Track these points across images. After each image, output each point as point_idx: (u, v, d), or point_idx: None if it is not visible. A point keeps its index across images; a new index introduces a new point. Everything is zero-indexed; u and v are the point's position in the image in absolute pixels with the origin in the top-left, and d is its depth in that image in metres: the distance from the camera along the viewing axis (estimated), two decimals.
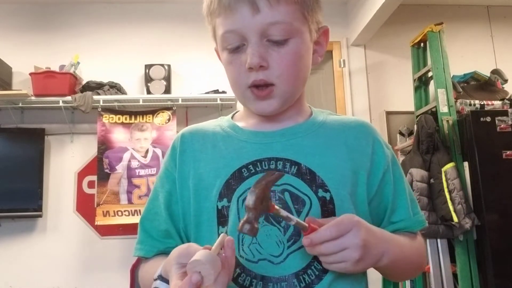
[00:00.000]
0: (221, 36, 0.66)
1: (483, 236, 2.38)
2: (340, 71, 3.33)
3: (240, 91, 0.68)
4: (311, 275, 0.62)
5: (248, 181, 0.66)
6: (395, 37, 3.32)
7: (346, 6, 3.40)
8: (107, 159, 2.87)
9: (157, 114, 2.98)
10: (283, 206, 0.63)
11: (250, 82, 0.65)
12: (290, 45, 0.64)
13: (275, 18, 0.62)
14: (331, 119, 0.75)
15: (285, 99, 0.68)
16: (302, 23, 0.66)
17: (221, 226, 0.66)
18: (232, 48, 0.66)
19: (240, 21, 0.63)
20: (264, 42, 0.64)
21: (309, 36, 0.68)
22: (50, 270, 2.89)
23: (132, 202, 2.83)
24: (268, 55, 0.63)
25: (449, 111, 2.60)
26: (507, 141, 2.47)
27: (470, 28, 3.48)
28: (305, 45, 0.67)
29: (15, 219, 2.90)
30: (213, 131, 0.75)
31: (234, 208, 0.65)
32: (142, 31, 3.22)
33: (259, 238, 0.64)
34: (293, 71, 0.66)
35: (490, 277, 2.33)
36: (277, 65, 0.64)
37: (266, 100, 0.66)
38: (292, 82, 0.67)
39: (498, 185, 2.41)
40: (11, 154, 2.92)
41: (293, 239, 0.63)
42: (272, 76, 0.64)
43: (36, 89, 2.86)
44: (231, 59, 0.66)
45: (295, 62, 0.65)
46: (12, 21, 3.20)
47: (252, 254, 0.64)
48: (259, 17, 0.62)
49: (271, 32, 0.63)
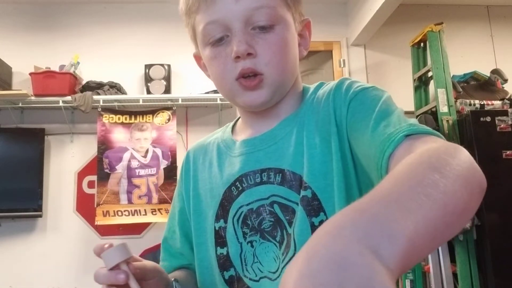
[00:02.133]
0: (202, 30, 0.62)
1: (483, 236, 2.38)
2: (340, 71, 3.33)
3: (227, 85, 0.63)
4: None
5: (238, 200, 0.66)
6: (395, 37, 3.32)
7: (346, 6, 3.40)
8: (107, 159, 2.87)
9: (157, 114, 2.98)
10: (275, 219, 0.62)
11: (238, 72, 0.60)
12: (277, 31, 0.61)
13: (259, 2, 0.59)
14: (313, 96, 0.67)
15: (274, 89, 0.63)
16: (286, 11, 0.63)
17: (219, 247, 0.67)
18: (214, 40, 0.62)
19: (222, 9, 0.60)
20: (250, 30, 0.60)
21: (294, 25, 0.65)
22: (50, 270, 2.89)
23: (132, 202, 2.83)
24: (254, 43, 0.60)
25: (449, 111, 2.60)
26: (507, 141, 2.48)
27: (470, 28, 3.48)
28: (290, 33, 0.64)
29: (15, 219, 2.90)
30: (213, 146, 0.75)
31: (230, 229, 0.66)
32: (142, 31, 3.23)
33: (259, 256, 0.63)
34: (281, 59, 0.62)
35: (490, 277, 2.33)
36: (265, 52, 0.60)
37: (255, 90, 0.62)
38: (281, 71, 0.62)
39: (498, 185, 2.41)
40: (11, 154, 2.92)
41: (285, 252, 0.61)
42: (260, 64, 0.60)
43: (36, 89, 2.86)
44: (215, 52, 0.62)
45: (282, 49, 0.62)
46: (12, 21, 3.20)
47: (255, 273, 0.63)
48: (242, 2, 0.59)
49: (256, 18, 0.60)
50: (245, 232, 0.64)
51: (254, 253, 0.63)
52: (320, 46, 3.36)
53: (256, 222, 0.64)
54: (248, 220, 0.64)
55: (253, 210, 0.64)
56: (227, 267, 0.65)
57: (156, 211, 2.83)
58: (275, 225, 0.62)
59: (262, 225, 0.63)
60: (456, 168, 0.39)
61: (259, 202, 0.64)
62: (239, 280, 0.64)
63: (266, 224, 0.63)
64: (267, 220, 0.63)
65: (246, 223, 0.64)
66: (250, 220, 0.64)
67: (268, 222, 0.63)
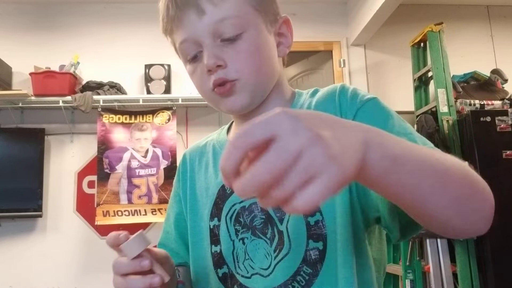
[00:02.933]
0: (179, 49, 0.66)
1: (483, 236, 2.38)
2: (340, 71, 3.33)
3: (207, 96, 0.67)
4: (300, 282, 0.61)
5: (231, 198, 0.67)
6: (395, 37, 3.32)
7: (346, 6, 3.40)
8: (107, 159, 2.87)
9: (157, 114, 2.98)
10: (266, 216, 0.64)
11: (211, 84, 0.63)
12: (244, 39, 0.62)
13: (221, 14, 0.61)
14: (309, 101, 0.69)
15: (251, 92, 0.65)
16: (253, 16, 0.64)
17: (213, 245, 0.69)
18: (191, 58, 0.65)
19: (189, 28, 0.63)
20: (218, 42, 0.62)
21: (265, 27, 0.66)
22: (50, 270, 2.89)
23: (132, 202, 2.83)
24: (223, 54, 0.62)
25: (449, 111, 2.60)
26: (507, 141, 2.47)
27: (470, 28, 3.48)
28: (261, 36, 0.65)
29: (15, 219, 2.90)
30: (209, 148, 0.77)
31: (223, 227, 0.68)
32: (142, 31, 3.22)
33: (250, 253, 0.64)
34: (253, 64, 0.63)
35: (490, 277, 2.33)
36: (234, 61, 0.62)
37: (231, 96, 0.64)
38: (254, 75, 0.64)
39: (498, 185, 2.40)
40: (11, 154, 2.92)
41: (278, 249, 0.62)
42: (231, 73, 0.63)
43: (36, 89, 2.86)
44: (193, 69, 0.66)
45: (252, 55, 0.63)
46: (12, 21, 3.20)
47: (246, 270, 0.65)
48: (205, 18, 0.62)
49: (221, 30, 0.62)
50: (237, 230, 0.66)
51: (245, 250, 0.65)
52: (320, 46, 3.37)
53: (248, 219, 0.65)
54: (241, 217, 0.66)
55: (245, 208, 0.66)
56: (220, 264, 0.67)
57: (156, 211, 2.83)
58: (266, 222, 0.64)
59: (253, 222, 0.65)
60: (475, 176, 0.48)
61: (252, 199, 0.64)
62: (232, 277, 0.65)
63: (257, 222, 0.64)
64: (258, 218, 0.64)
65: (238, 221, 0.66)
66: (243, 218, 0.66)
67: (260, 220, 0.64)
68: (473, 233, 0.52)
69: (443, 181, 0.44)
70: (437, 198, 0.44)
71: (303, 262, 0.60)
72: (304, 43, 3.29)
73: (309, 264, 0.60)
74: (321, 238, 0.60)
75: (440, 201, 0.44)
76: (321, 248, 0.60)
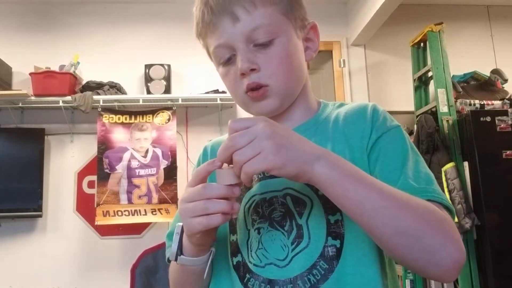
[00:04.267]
0: (213, 53, 0.70)
1: (483, 236, 2.38)
2: (340, 71, 3.33)
3: (239, 98, 0.71)
4: (316, 275, 0.63)
5: (252, 189, 0.70)
6: (395, 37, 3.32)
7: (346, 6, 3.40)
8: (107, 159, 2.87)
9: (157, 114, 2.98)
10: (285, 210, 0.66)
11: (245, 87, 0.67)
12: (276, 45, 0.67)
13: (255, 23, 0.65)
14: (336, 112, 0.75)
15: (282, 97, 0.69)
16: (284, 23, 0.68)
17: (231, 234, 0.71)
18: (224, 61, 0.69)
19: (224, 33, 0.66)
20: (251, 47, 0.66)
21: (295, 33, 0.70)
22: (50, 270, 2.89)
23: (132, 202, 2.82)
24: (257, 59, 0.66)
25: (449, 111, 2.60)
26: (507, 141, 2.48)
27: (470, 28, 3.48)
28: (292, 42, 0.69)
29: (15, 219, 2.90)
30: None
31: (241, 216, 0.70)
32: (142, 31, 3.23)
33: (265, 243, 0.66)
34: (284, 69, 0.68)
35: (490, 277, 2.33)
36: (267, 66, 0.66)
37: (263, 100, 0.68)
38: (285, 80, 0.68)
39: (498, 185, 2.41)
40: (11, 154, 2.92)
41: (296, 242, 0.65)
42: (264, 77, 0.67)
43: (36, 89, 2.86)
44: (226, 71, 0.70)
45: (284, 60, 0.68)
46: (12, 21, 3.20)
47: (259, 260, 0.66)
48: (240, 25, 0.65)
49: (255, 36, 0.66)
50: (254, 219, 0.68)
51: (260, 240, 0.66)
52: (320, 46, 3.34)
53: (268, 211, 0.67)
54: (260, 208, 0.68)
55: (266, 200, 0.68)
56: (235, 253, 0.69)
57: (156, 211, 2.83)
58: (285, 215, 0.66)
59: (272, 214, 0.67)
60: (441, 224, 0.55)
61: (273, 193, 0.68)
62: (244, 265, 0.67)
63: (276, 214, 0.67)
64: (278, 210, 0.67)
65: (256, 211, 0.68)
66: (261, 208, 0.68)
67: (279, 212, 0.66)
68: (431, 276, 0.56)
69: (389, 211, 0.53)
70: (380, 224, 0.53)
71: (321, 257, 0.63)
72: None
73: (326, 260, 0.63)
74: (339, 237, 0.63)
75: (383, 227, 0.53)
76: (338, 246, 0.63)
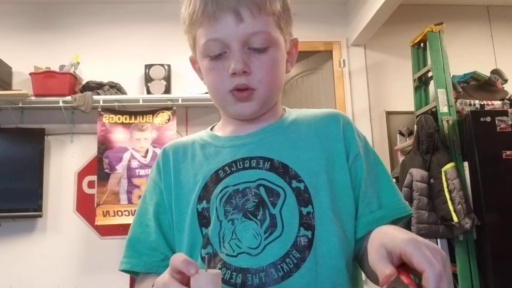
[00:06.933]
0: (204, 44, 0.69)
1: (483, 236, 2.38)
2: (340, 71, 3.33)
3: (221, 95, 0.72)
4: (289, 264, 0.64)
5: (225, 181, 0.70)
6: (395, 37, 3.32)
7: (346, 6, 3.40)
8: (107, 159, 2.87)
9: (157, 114, 2.98)
10: (259, 200, 0.67)
11: (233, 86, 0.69)
12: (270, 53, 0.69)
13: (257, 28, 0.67)
14: (303, 115, 0.79)
15: (263, 102, 0.72)
16: (279, 34, 0.71)
17: (204, 227, 0.69)
18: (214, 55, 0.69)
19: (224, 29, 0.67)
20: (246, 49, 0.68)
21: (284, 45, 0.73)
22: (50, 270, 2.89)
23: (132, 202, 2.83)
24: (250, 62, 0.68)
25: (449, 111, 2.60)
26: (507, 141, 2.48)
27: (470, 28, 3.48)
28: (281, 53, 0.72)
29: (15, 219, 2.90)
30: (193, 142, 0.80)
31: (213, 208, 0.69)
32: (142, 31, 3.23)
33: (238, 233, 0.66)
34: (272, 77, 0.70)
35: (490, 277, 2.33)
36: (258, 71, 0.68)
37: (246, 102, 0.70)
38: (270, 87, 0.71)
39: (498, 185, 2.41)
40: (11, 154, 2.92)
41: (269, 231, 0.66)
42: (253, 81, 0.69)
43: (36, 89, 2.86)
44: (213, 65, 0.70)
45: (273, 69, 0.70)
46: (12, 21, 3.20)
47: (232, 249, 0.66)
48: (242, 26, 0.66)
49: (252, 40, 0.67)
50: (227, 211, 0.68)
51: (233, 231, 0.67)
52: (320, 46, 3.37)
53: (241, 201, 0.68)
54: (233, 199, 0.68)
55: (239, 191, 0.68)
56: (205, 245, 0.68)
57: None
58: (258, 205, 0.67)
59: (246, 205, 0.68)
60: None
61: (246, 184, 0.69)
62: (215, 256, 0.67)
63: (249, 205, 0.67)
64: (251, 201, 0.67)
65: (230, 202, 0.68)
66: (235, 199, 0.68)
67: (252, 203, 0.67)
68: None
69: None
70: None
71: (293, 246, 0.65)
72: (304, 43, 3.26)
73: (298, 249, 0.64)
74: (310, 228, 0.65)
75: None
76: (310, 237, 0.65)
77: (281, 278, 0.63)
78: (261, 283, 0.63)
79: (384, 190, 0.72)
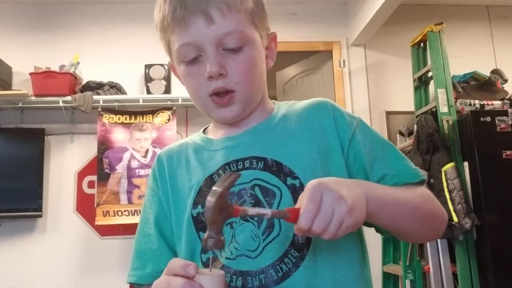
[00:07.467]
0: (177, 49, 0.68)
1: (483, 236, 2.38)
2: (340, 71, 3.33)
3: (201, 101, 0.71)
4: (288, 264, 0.64)
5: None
6: (395, 37, 3.32)
7: (346, 6, 3.40)
8: (107, 159, 2.87)
9: (157, 114, 2.98)
10: (255, 201, 0.66)
11: (211, 90, 0.67)
12: (245, 52, 0.68)
13: (229, 27, 0.65)
14: (292, 110, 0.77)
15: (244, 104, 0.71)
16: (253, 31, 0.70)
17: (201, 232, 0.69)
18: (189, 60, 0.68)
19: (195, 33, 0.65)
20: (221, 51, 0.66)
21: (261, 42, 0.72)
22: (50, 270, 2.89)
23: (132, 202, 2.83)
24: (225, 63, 0.66)
25: (449, 111, 2.60)
26: (507, 141, 2.47)
27: (470, 28, 3.48)
28: (258, 51, 0.71)
29: (15, 219, 2.90)
30: (186, 147, 0.79)
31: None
32: (142, 31, 3.22)
33: (236, 236, 0.66)
34: (250, 76, 0.69)
35: (490, 277, 2.33)
36: (235, 72, 0.67)
37: (227, 107, 0.70)
38: (250, 87, 0.70)
39: (498, 185, 2.41)
40: (11, 154, 2.92)
41: (267, 232, 0.65)
42: (231, 83, 0.67)
43: (36, 89, 2.86)
44: (189, 70, 0.69)
45: (251, 67, 0.69)
46: (12, 21, 3.20)
47: (231, 252, 0.66)
48: (213, 27, 0.65)
49: (226, 41, 0.66)
50: None
51: (233, 234, 0.66)
52: (320, 46, 3.37)
53: (237, 204, 0.67)
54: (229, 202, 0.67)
55: (234, 193, 0.68)
56: (205, 250, 0.68)
57: None
58: (255, 206, 0.66)
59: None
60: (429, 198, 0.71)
61: (241, 185, 0.68)
62: (215, 260, 0.67)
63: (246, 206, 0.67)
64: (248, 202, 0.67)
65: None
66: (231, 202, 0.67)
67: (249, 204, 0.67)
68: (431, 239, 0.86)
69: (413, 214, 0.66)
70: (409, 225, 0.67)
71: (291, 246, 0.64)
72: (304, 43, 3.30)
73: (296, 248, 0.64)
74: None
75: (411, 226, 0.67)
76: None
77: (280, 279, 0.63)
78: (261, 285, 0.63)
79: (392, 161, 0.71)
